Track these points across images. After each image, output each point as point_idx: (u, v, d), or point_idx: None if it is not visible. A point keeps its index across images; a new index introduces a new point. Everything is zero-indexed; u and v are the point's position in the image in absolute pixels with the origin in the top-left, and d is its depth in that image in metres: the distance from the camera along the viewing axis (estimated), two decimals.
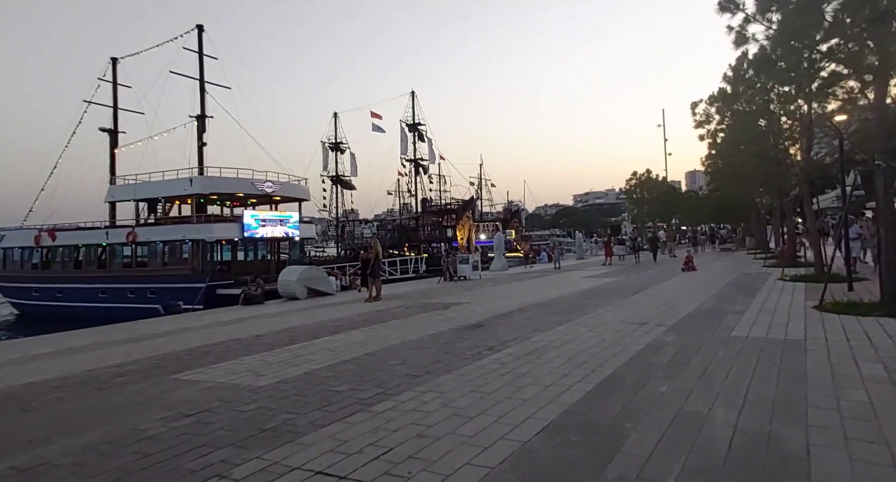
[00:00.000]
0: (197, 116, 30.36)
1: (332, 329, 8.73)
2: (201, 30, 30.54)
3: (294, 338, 7.89)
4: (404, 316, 10.06)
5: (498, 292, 14.27)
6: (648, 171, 48.18)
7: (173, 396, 4.87)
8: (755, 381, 4.43)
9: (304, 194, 32.33)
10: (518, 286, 16.07)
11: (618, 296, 11.46)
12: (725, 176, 21.26)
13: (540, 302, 11.19)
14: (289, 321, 10.22)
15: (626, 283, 14.70)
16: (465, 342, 6.91)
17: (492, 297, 12.78)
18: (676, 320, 7.87)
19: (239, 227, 26.71)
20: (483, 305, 11.13)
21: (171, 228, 26.96)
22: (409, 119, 61.06)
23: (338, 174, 67.33)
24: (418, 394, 4.51)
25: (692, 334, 6.69)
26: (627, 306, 9.77)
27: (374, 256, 13.61)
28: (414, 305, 11.91)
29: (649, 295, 11.55)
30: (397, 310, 11.27)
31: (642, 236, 54.07)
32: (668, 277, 16.11)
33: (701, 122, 18.21)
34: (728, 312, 8.42)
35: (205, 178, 26.40)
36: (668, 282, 14.38)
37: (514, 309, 10.20)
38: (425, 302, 12.56)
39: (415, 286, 19.16)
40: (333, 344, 7.24)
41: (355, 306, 12.56)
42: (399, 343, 7.07)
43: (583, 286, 14.58)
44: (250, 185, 27.76)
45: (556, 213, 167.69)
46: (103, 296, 27.36)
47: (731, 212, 43.36)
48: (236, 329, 9.47)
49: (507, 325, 8.17)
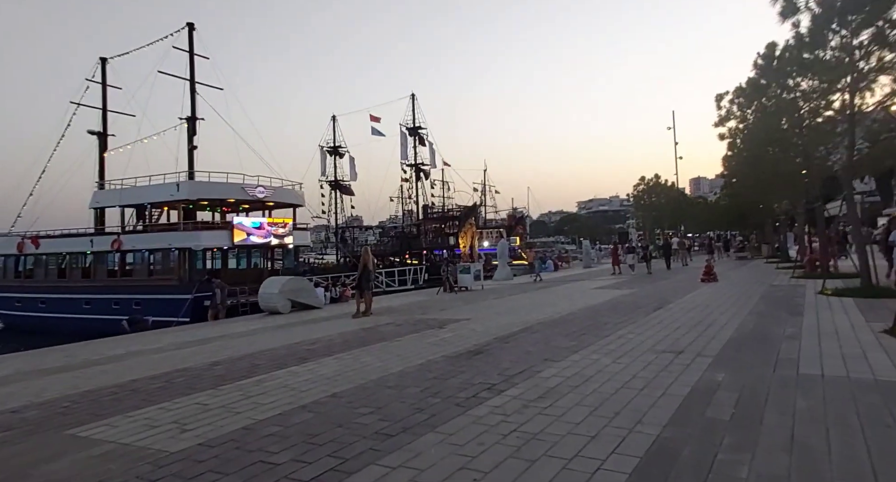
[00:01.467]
0: (187, 118, 29.21)
1: (302, 355, 7.38)
2: (192, 28, 29.47)
3: (253, 369, 6.54)
4: (392, 337, 8.69)
5: (501, 306, 12.90)
6: (657, 175, 46.77)
7: (43, 472, 3.51)
8: (877, 458, 3.04)
9: (298, 200, 31.08)
10: (524, 298, 14.69)
11: (638, 313, 10.07)
12: (746, 176, 19.78)
13: (549, 319, 9.81)
14: (257, 343, 8.86)
15: (643, 297, 13.30)
16: (458, 377, 5.55)
17: (494, 313, 11.40)
18: (719, 347, 6.48)
19: (229, 234, 25.41)
20: (484, 323, 9.76)
21: (158, 236, 25.69)
22: (409, 122, 59.95)
23: (336, 179, 66.21)
24: (384, 474, 3.15)
25: (748, 370, 5.30)
26: (652, 326, 8.38)
27: (361, 267, 12.26)
28: (406, 322, 10.55)
29: (674, 311, 10.15)
30: (386, 328, 9.91)
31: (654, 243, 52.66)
32: (689, 289, 14.70)
33: (722, 120, 16.89)
34: (779, 337, 7.02)
35: (192, 183, 25.15)
36: (690, 296, 12.97)
37: (520, 328, 8.83)
38: (419, 318, 11.20)
39: (412, 298, 17.80)
40: (296, 378, 5.88)
41: (340, 323, 11.21)
42: (377, 378, 5.70)
43: (595, 299, 13.19)
44: (241, 190, 26.50)
45: (561, 219, 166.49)
46: (87, 307, 26.08)
47: (744, 218, 41.88)
48: (193, 354, 8.13)
49: (511, 352, 6.80)
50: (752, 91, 13.17)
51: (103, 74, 32.96)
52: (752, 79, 13.15)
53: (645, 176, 47.48)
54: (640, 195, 47.82)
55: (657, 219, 49.42)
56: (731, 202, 36.05)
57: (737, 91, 14.12)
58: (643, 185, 46.82)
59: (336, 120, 68.03)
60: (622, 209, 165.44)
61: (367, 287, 12.18)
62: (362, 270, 12.18)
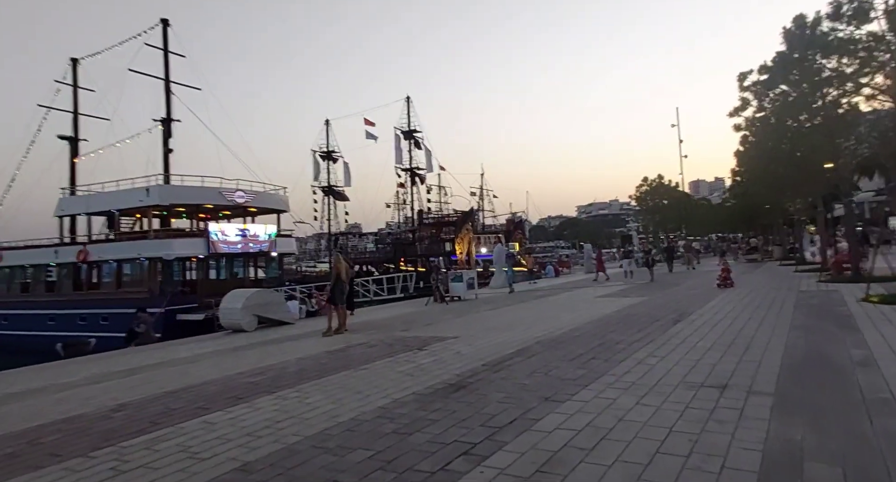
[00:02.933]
0: (162, 120, 27.77)
1: (238, 392, 5.88)
2: (166, 24, 28.08)
3: (160, 418, 5.04)
4: (359, 363, 7.20)
5: (495, 319, 11.41)
6: (660, 176, 45.42)
7: None
8: None
9: (282, 205, 29.60)
10: (521, 310, 13.20)
11: (654, 328, 8.59)
12: (760, 172, 18.29)
13: (549, 337, 8.33)
14: (193, 374, 7.36)
15: (656, 306, 11.82)
16: (427, 431, 4.06)
17: (486, 328, 9.91)
18: (774, 379, 5.00)
19: (205, 242, 23.86)
20: (473, 343, 8.28)
21: (127, 245, 24.10)
22: (405, 126, 58.56)
23: (330, 184, 64.73)
24: None
25: (832, 420, 3.82)
26: (676, 346, 6.90)
27: (334, 277, 10.77)
28: (381, 342, 9.05)
29: (698, 325, 8.67)
30: (355, 350, 8.42)
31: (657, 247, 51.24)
32: (707, 296, 13.23)
33: (738, 109, 15.50)
34: (846, 362, 5.54)
35: (163, 187, 23.60)
36: (710, 304, 11.49)
37: (514, 350, 7.35)
38: (399, 336, 9.70)
39: (398, 310, 16.31)
40: (208, 434, 4.38)
41: (306, 344, 9.71)
42: (316, 432, 4.21)
43: (602, 310, 11.71)
44: (218, 195, 24.97)
45: (560, 224, 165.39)
46: (52, 323, 24.48)
47: (752, 220, 40.51)
48: (103, 391, 6.61)
49: (501, 386, 5.32)
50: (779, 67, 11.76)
51: (74, 76, 31.57)
52: (780, 53, 11.73)
53: (648, 176, 46.09)
54: (642, 197, 46.38)
55: (661, 221, 48.03)
56: (739, 203, 34.63)
57: (762, 69, 12.73)
58: (646, 186, 45.40)
59: (329, 124, 66.85)
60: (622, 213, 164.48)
61: (340, 300, 10.68)
62: (335, 281, 10.69)
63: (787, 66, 11.35)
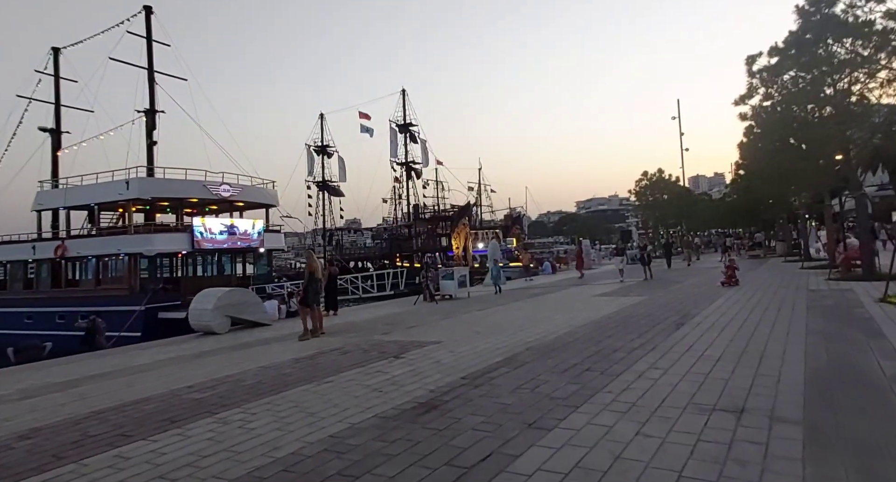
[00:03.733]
0: (145, 111, 26.89)
1: (175, 412, 5.11)
2: (149, 12, 27.15)
3: (70, 449, 4.26)
4: (325, 374, 6.44)
5: (485, 321, 10.65)
6: (661, 170, 44.54)
7: None
8: None
9: (270, 199, 28.75)
10: (514, 310, 12.45)
11: (656, 332, 7.85)
12: (765, 164, 17.46)
13: (540, 342, 7.58)
14: (138, 386, 6.58)
15: (657, 307, 11.07)
16: (377, 472, 3.30)
17: (473, 331, 9.16)
18: (799, 400, 4.25)
19: (188, 237, 23.01)
20: (456, 349, 7.53)
21: (106, 241, 23.22)
22: (400, 119, 57.60)
23: (325, 179, 63.77)
24: None
25: (879, 458, 3.06)
26: (681, 355, 6.15)
27: (307, 276, 10.00)
28: (357, 348, 8.29)
29: (704, 329, 7.92)
30: (327, 357, 7.66)
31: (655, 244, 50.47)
32: (711, 296, 12.49)
33: (744, 97, 14.71)
34: (878, 377, 4.79)
35: (144, 180, 22.69)
36: (716, 305, 10.75)
37: (500, 359, 6.60)
38: (377, 340, 8.95)
39: (384, 309, 15.54)
40: (116, 474, 3.61)
41: (275, 350, 8.94)
42: (243, 474, 3.44)
43: (599, 311, 10.96)
44: (202, 188, 24.09)
45: (559, 220, 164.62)
46: (29, 321, 23.68)
47: (753, 215, 39.74)
48: (29, 408, 5.82)
49: (478, 407, 4.56)
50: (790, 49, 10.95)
51: (56, 66, 30.61)
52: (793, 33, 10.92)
53: (648, 170, 45.17)
54: (642, 191, 45.48)
55: (660, 217, 47.20)
56: (742, 197, 33.82)
57: (771, 51, 11.91)
58: (646, 180, 44.54)
59: (324, 118, 65.77)
60: (621, 208, 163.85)
61: (314, 301, 9.91)
62: (308, 281, 9.92)
63: (799, 48, 10.54)
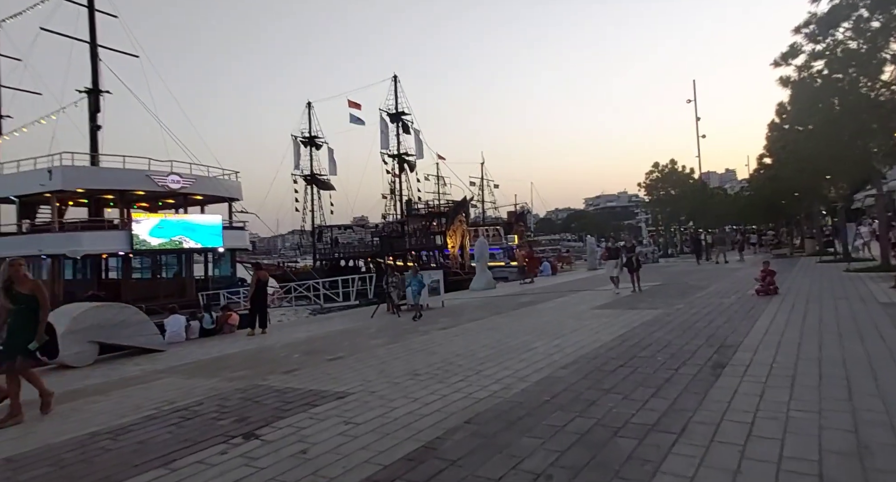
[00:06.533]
0: (88, 91, 24.19)
1: None
2: None
3: None
4: (123, 466, 3.66)
5: (439, 349, 7.86)
6: (673, 161, 41.41)
7: None
8: None
9: (233, 192, 26.01)
10: (486, 328, 9.63)
11: (681, 384, 5.03)
12: (818, 138, 14.39)
13: (499, 401, 4.78)
14: None
15: (676, 328, 8.23)
16: None
17: (410, 372, 6.37)
18: None
19: (126, 236, 20.24)
20: (362, 413, 4.75)
21: (26, 240, 20.49)
22: (391, 107, 54.69)
23: (313, 173, 61.00)
24: None
25: None
26: (739, 450, 3.32)
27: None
28: (213, 408, 5.52)
29: (758, 378, 5.08)
30: (150, 429, 4.90)
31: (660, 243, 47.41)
32: (747, 311, 9.62)
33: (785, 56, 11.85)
34: None
35: (69, 169, 19.85)
36: (760, 327, 7.88)
37: (412, 449, 3.80)
38: (263, 387, 6.18)
39: (332, 324, 12.76)
40: None
41: (109, 403, 6.18)
42: None
43: (597, 334, 8.15)
44: (146, 179, 21.34)
45: (568, 216, 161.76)
46: None
47: (777, 209, 36.69)
48: None
49: None
50: None
51: None
52: None
53: (658, 162, 41.95)
54: (652, 184, 42.24)
55: (672, 213, 44.03)
56: (767, 188, 30.73)
57: None
58: (657, 173, 41.38)
59: (312, 107, 62.99)
60: (631, 205, 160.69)
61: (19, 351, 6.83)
62: None
63: None
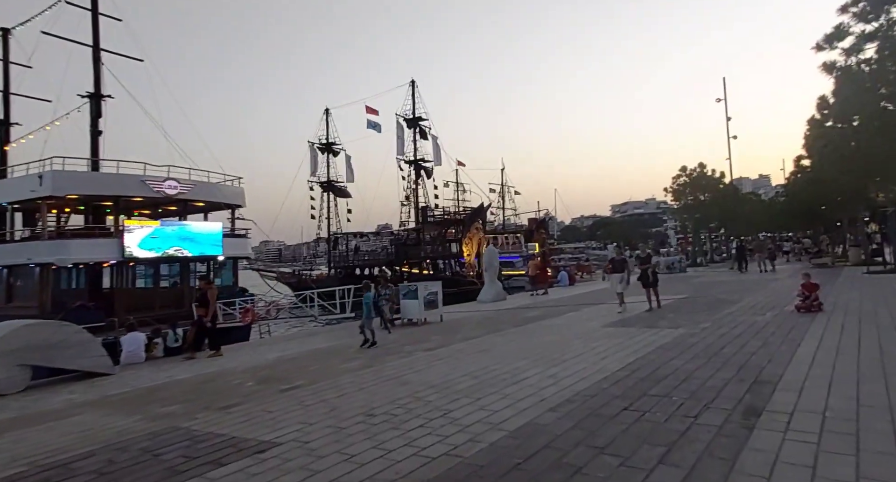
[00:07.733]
0: (90, 95, 23.79)
1: None
2: None
3: None
4: None
5: (416, 378, 6.66)
6: (702, 165, 39.48)
7: None
8: None
9: (235, 199, 25.25)
10: (477, 350, 8.39)
11: (702, 441, 3.73)
12: (867, 132, 12.80)
13: (470, 452, 3.54)
14: None
15: (699, 355, 6.86)
16: None
17: (366, 413, 5.19)
18: None
19: (117, 243, 19.56)
20: (297, 469, 3.57)
21: (15, 248, 19.94)
22: (409, 113, 53.81)
23: (329, 179, 60.49)
24: None
25: None
26: None
27: None
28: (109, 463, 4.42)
29: (807, 433, 3.75)
30: None
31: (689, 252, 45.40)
32: (787, 332, 8.18)
33: (829, 38, 10.40)
34: None
35: (60, 174, 19.24)
36: (804, 354, 6.48)
37: None
38: (185, 431, 5.07)
39: (310, 343, 11.64)
40: None
41: None
42: None
43: (603, 362, 6.84)
44: (141, 184, 20.68)
45: (593, 224, 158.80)
46: None
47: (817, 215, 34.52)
48: None
49: None
50: None
51: (5, 49, 27.94)
52: None
53: (686, 166, 40.06)
54: (680, 189, 40.32)
55: (701, 220, 41.94)
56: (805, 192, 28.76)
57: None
58: (684, 177, 39.52)
59: (329, 113, 62.62)
60: (658, 211, 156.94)
61: None
62: None
63: None
